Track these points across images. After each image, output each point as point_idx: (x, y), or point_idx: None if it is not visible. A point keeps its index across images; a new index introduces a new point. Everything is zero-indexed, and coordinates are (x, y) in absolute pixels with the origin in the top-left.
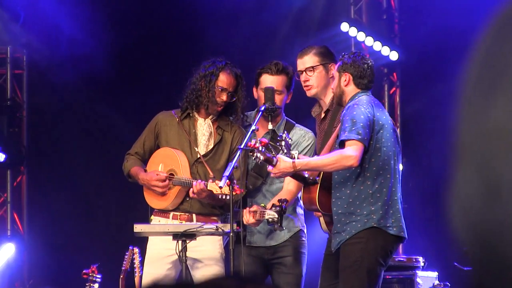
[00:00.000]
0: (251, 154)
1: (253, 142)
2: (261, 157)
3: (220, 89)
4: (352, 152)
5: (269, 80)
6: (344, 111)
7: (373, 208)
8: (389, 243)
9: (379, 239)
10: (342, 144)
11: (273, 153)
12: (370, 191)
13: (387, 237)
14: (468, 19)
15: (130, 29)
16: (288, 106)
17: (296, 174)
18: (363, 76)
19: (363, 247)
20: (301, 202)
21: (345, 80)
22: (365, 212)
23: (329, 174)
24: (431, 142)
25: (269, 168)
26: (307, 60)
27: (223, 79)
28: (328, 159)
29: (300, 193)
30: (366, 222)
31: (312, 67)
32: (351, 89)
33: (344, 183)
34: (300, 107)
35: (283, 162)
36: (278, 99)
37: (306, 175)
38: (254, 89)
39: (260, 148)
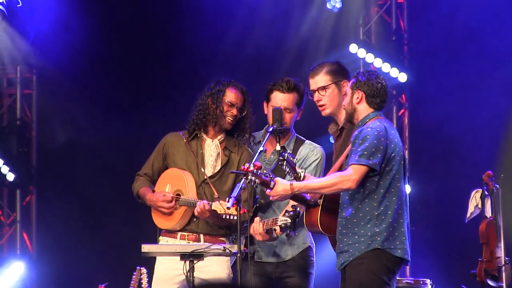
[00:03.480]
0: (245, 177)
1: (246, 165)
2: (257, 181)
3: (229, 105)
4: (351, 175)
5: (280, 97)
6: (356, 133)
7: (377, 230)
8: (393, 262)
9: (382, 259)
10: None
11: (271, 176)
12: (376, 213)
13: (391, 258)
14: (478, 42)
15: (141, 49)
16: (306, 123)
17: (297, 196)
18: (376, 95)
19: (367, 268)
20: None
21: (358, 98)
22: (369, 233)
23: (331, 196)
24: (439, 164)
25: (267, 191)
26: (319, 80)
27: (231, 95)
28: (326, 182)
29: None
30: (370, 243)
31: (324, 87)
32: (363, 108)
33: (352, 203)
34: (317, 125)
35: (281, 184)
36: (288, 117)
37: (308, 197)
38: (265, 105)
39: (254, 171)
